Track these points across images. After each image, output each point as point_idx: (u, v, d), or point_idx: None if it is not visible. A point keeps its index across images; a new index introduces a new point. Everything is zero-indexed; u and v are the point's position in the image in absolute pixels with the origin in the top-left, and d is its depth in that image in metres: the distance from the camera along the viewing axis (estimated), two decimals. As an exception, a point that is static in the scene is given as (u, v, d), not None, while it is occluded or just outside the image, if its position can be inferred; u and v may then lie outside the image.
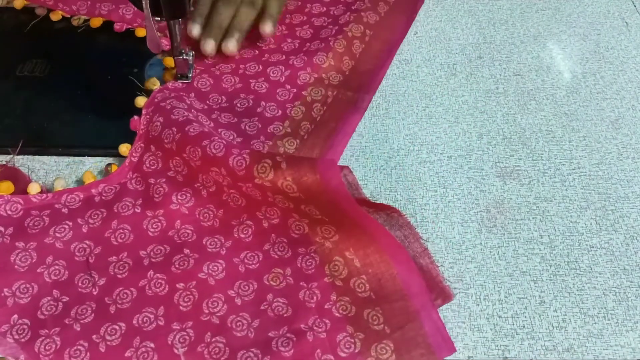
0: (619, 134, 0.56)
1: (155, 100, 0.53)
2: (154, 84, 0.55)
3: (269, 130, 0.53)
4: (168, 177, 0.49)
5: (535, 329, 0.43)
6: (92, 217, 0.47)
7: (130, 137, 0.53)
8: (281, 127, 0.53)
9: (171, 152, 0.49)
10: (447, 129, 0.56)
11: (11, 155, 0.51)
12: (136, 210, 0.47)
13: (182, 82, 0.56)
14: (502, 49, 0.64)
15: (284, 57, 0.59)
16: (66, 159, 0.52)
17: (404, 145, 0.55)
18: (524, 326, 0.43)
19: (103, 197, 0.48)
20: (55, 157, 0.53)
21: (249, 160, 0.45)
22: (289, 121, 0.54)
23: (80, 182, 0.51)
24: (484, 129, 0.56)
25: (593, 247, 0.48)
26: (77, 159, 0.52)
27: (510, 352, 0.42)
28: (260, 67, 0.58)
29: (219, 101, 0.55)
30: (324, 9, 0.65)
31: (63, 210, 0.47)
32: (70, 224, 0.46)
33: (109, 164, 0.51)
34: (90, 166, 0.52)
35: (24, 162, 0.52)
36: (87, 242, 0.46)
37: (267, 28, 0.58)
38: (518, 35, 0.65)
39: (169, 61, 0.57)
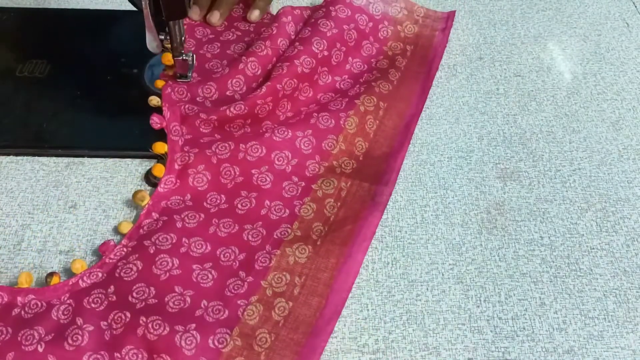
0: (620, 135, 0.56)
1: (141, 232, 0.46)
2: (143, 199, 0.48)
3: (275, 236, 0.46)
4: (98, 327, 0.40)
5: (536, 330, 0.43)
6: None
7: (130, 138, 0.53)
8: (290, 230, 0.47)
9: (122, 304, 0.42)
10: (447, 129, 0.56)
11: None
12: (39, 348, 0.39)
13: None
14: (502, 50, 0.63)
15: (289, 133, 0.52)
16: (65, 159, 0.52)
17: (404, 146, 0.55)
18: (524, 328, 0.43)
19: (24, 312, 0.42)
20: (54, 158, 0.52)
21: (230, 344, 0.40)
22: (299, 222, 0.47)
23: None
24: (484, 130, 0.56)
25: (593, 248, 0.48)
26: (76, 159, 0.52)
27: (510, 354, 0.42)
28: (264, 151, 0.51)
29: (218, 202, 0.49)
30: (329, 78, 0.58)
31: None
32: None
33: (51, 274, 0.44)
34: (85, 175, 0.52)
35: (24, 163, 0.52)
36: None
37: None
38: (519, 36, 0.65)
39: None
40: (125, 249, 0.45)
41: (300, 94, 0.56)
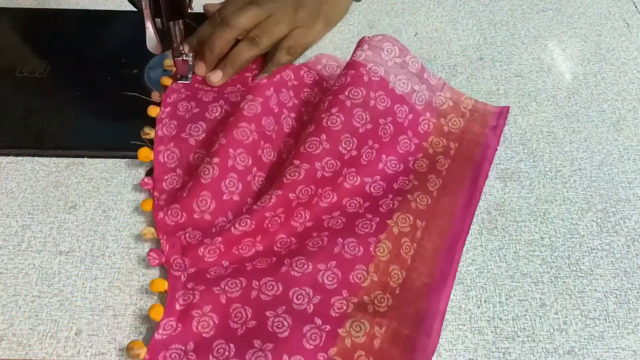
0: (620, 135, 0.56)
1: None
2: (138, 355, 0.40)
3: None
4: None
5: (536, 331, 0.43)
6: None
7: (130, 139, 0.53)
8: None
9: None
10: (447, 130, 0.56)
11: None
12: None
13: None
14: (503, 50, 0.63)
15: (310, 266, 0.44)
16: (65, 160, 0.52)
17: (404, 147, 0.54)
18: (524, 329, 0.43)
19: None
20: (55, 158, 0.52)
21: None
22: None
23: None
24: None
25: (594, 249, 0.48)
26: (76, 160, 0.52)
27: (511, 355, 0.42)
28: (280, 288, 0.43)
29: (227, 354, 0.40)
30: (357, 180, 0.49)
31: None
32: None
33: None
34: (85, 176, 0.52)
35: (24, 164, 0.52)
36: None
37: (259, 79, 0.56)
38: (519, 36, 0.65)
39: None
40: None
41: (321, 200, 0.48)
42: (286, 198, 0.47)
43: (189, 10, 0.52)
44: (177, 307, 0.42)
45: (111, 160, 0.52)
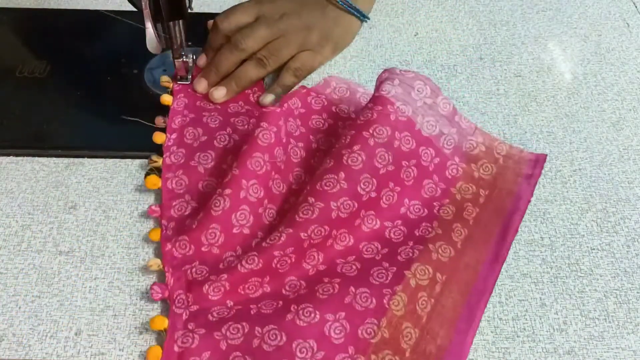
0: (620, 135, 0.56)
1: None
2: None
3: None
4: None
5: (536, 331, 0.43)
6: None
7: (130, 138, 0.53)
8: None
9: None
10: (447, 130, 0.56)
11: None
12: None
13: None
14: (502, 50, 0.63)
15: (317, 316, 0.41)
16: (65, 160, 0.52)
17: (404, 147, 0.54)
18: (524, 329, 0.43)
19: None
20: (54, 158, 0.52)
21: None
22: None
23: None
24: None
25: (594, 249, 0.48)
26: (76, 160, 0.52)
27: (511, 355, 0.42)
28: (284, 339, 0.40)
29: None
30: (377, 224, 0.47)
31: None
32: None
33: None
34: (85, 176, 0.52)
35: (24, 164, 0.52)
36: None
37: (266, 99, 0.56)
38: (519, 36, 0.65)
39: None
40: None
41: (336, 242, 0.46)
42: (297, 237, 0.45)
43: (189, 11, 0.52)
44: (176, 348, 0.41)
45: (111, 160, 0.52)
